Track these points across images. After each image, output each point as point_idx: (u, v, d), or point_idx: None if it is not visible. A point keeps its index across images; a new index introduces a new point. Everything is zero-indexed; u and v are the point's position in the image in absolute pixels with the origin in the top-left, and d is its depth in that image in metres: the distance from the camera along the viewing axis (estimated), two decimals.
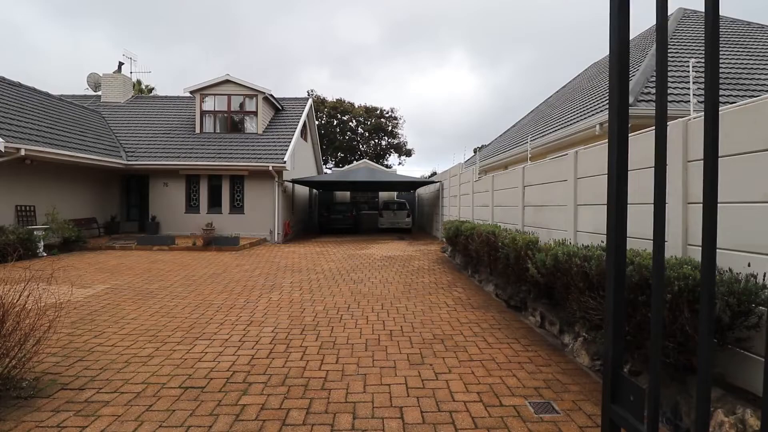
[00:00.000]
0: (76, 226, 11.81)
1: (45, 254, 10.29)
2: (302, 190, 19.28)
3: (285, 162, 14.13)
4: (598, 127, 7.39)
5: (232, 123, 16.03)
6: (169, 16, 73.97)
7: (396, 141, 42.06)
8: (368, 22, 78.93)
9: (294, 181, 15.94)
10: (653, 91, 7.36)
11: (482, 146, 43.04)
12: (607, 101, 3.19)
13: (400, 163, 43.33)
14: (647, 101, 7.20)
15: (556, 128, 9.65)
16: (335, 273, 8.49)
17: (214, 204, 14.90)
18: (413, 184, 19.58)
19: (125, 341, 4.34)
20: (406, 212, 19.04)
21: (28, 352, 3.32)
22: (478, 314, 5.42)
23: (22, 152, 9.70)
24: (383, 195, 24.50)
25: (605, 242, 1.92)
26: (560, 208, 5.31)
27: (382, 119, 40.56)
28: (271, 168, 14.02)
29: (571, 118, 9.45)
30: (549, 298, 4.72)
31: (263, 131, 16.00)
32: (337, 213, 19.05)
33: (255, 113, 15.89)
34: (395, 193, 24.59)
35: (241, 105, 15.95)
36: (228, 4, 75.65)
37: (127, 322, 5.02)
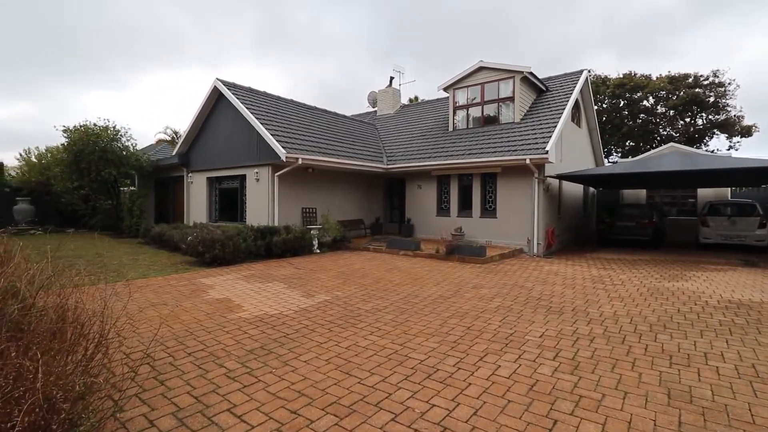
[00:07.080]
0: (344, 227, 12.86)
1: (318, 251, 11.41)
2: (573, 189, 15.12)
3: (547, 153, 10.88)
4: None
5: (486, 114, 14.07)
6: (454, 42, 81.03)
7: (722, 117, 29.27)
8: None
9: (560, 177, 12.26)
10: None
11: None
12: None
13: (730, 147, 30.01)
14: None
15: None
16: (625, 328, 4.85)
17: (464, 206, 13.37)
18: None
19: (253, 418, 2.84)
20: (756, 219, 11.63)
21: None
22: None
23: (300, 161, 11.02)
24: (704, 193, 16.62)
25: None
26: None
27: (697, 89, 29.08)
28: (528, 161, 11.11)
29: None
30: None
31: (521, 118, 13.22)
32: (626, 219, 13.72)
33: (511, 99, 13.33)
34: (728, 191, 16.21)
35: (496, 92, 13.74)
36: (502, 15, 74.40)
37: (288, 371, 3.62)
